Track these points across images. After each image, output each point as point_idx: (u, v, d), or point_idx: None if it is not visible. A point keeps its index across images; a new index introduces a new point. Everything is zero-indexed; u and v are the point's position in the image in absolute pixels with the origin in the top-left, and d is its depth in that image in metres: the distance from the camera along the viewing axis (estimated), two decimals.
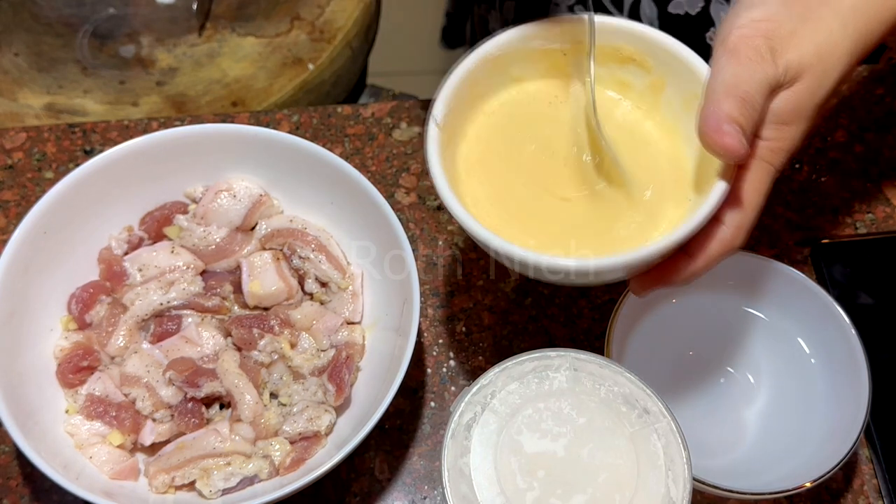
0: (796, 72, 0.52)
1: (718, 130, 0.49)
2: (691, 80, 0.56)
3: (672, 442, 0.49)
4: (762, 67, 0.51)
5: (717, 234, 0.53)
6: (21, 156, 0.78)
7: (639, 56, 0.59)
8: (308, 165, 0.67)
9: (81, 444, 0.61)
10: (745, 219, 0.53)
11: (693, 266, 0.53)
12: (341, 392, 0.63)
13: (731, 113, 0.49)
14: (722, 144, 0.49)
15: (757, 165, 0.53)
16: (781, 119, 0.53)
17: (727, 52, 0.52)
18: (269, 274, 0.67)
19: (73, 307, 0.65)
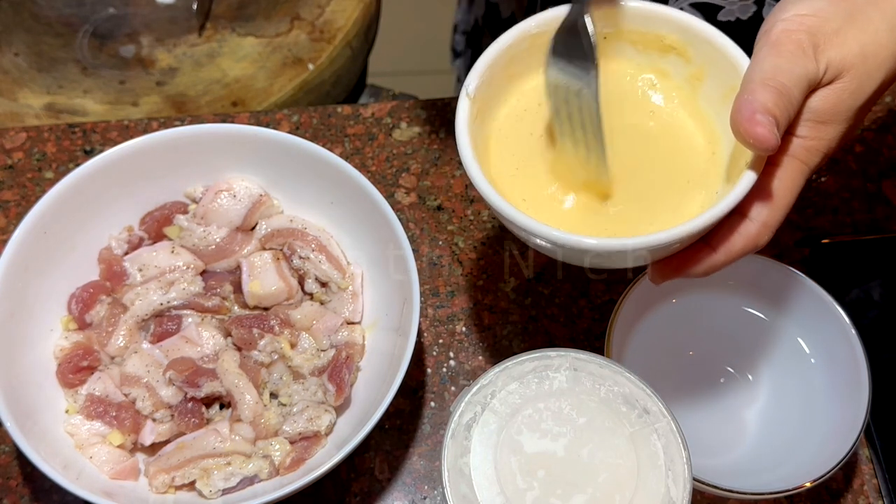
0: (838, 70, 0.51)
1: (751, 119, 0.48)
2: (732, 73, 0.55)
3: (672, 442, 0.49)
4: (802, 62, 0.50)
5: (742, 228, 0.52)
6: (21, 156, 0.78)
7: (680, 46, 0.58)
8: (308, 165, 0.67)
9: (81, 444, 0.61)
10: (773, 216, 0.52)
11: (714, 258, 0.52)
12: (341, 392, 0.63)
13: (766, 103, 0.49)
14: (754, 134, 0.48)
15: (789, 163, 0.52)
16: (819, 118, 0.52)
17: (769, 44, 0.51)
18: (269, 274, 0.67)
19: (74, 307, 0.65)
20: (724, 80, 0.56)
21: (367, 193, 0.65)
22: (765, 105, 0.49)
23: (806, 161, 0.52)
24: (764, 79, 0.49)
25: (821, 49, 0.51)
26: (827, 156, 0.53)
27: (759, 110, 0.48)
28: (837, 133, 0.52)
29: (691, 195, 0.56)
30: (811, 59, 0.50)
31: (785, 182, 0.52)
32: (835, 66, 0.51)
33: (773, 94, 0.49)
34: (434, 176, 0.78)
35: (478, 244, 0.75)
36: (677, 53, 0.59)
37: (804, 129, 0.52)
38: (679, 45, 0.58)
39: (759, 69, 0.50)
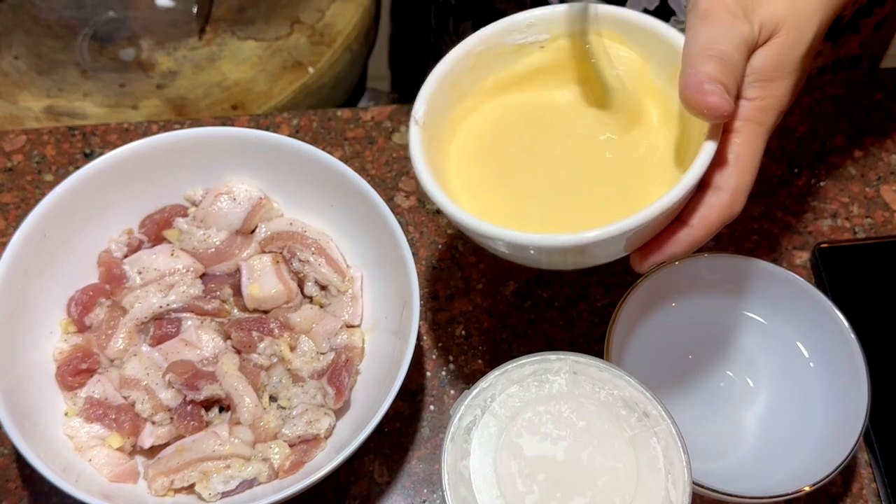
0: (772, 26, 0.52)
1: (700, 90, 0.49)
2: (671, 54, 0.55)
3: (672, 445, 0.49)
4: (736, 26, 0.50)
5: (714, 199, 0.52)
6: (21, 158, 0.78)
7: (617, 38, 0.58)
8: (308, 169, 0.67)
9: (81, 447, 0.61)
10: (741, 181, 0.52)
11: (692, 233, 0.52)
12: (341, 395, 0.63)
13: (711, 72, 0.49)
14: (706, 104, 0.49)
15: (746, 127, 0.52)
16: (765, 76, 0.52)
17: (699, 16, 0.51)
18: (269, 277, 0.67)
19: (73, 310, 0.65)
20: (665, 63, 0.56)
21: (367, 197, 0.65)
22: (709, 74, 0.49)
23: (761, 122, 0.52)
24: (702, 50, 0.50)
25: (750, 9, 0.51)
26: (782, 112, 0.53)
27: (706, 80, 0.49)
28: (787, 87, 0.53)
29: (656, 179, 0.56)
30: (743, 21, 0.51)
31: (746, 146, 0.52)
32: (768, 22, 0.52)
33: (715, 63, 0.49)
34: None
35: (477, 248, 0.75)
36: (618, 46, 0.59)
37: (753, 91, 0.52)
38: (616, 38, 0.58)
39: (695, 42, 0.51)
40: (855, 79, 0.83)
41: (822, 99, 0.82)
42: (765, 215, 0.76)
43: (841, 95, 0.82)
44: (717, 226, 0.52)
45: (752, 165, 0.52)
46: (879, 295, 0.72)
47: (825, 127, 0.80)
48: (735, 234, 0.75)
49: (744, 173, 0.52)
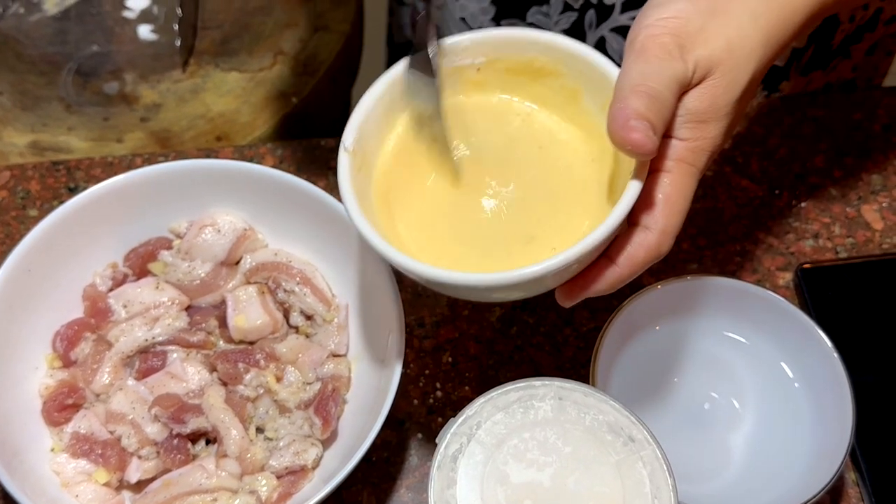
0: (707, 68, 0.52)
1: (626, 126, 0.48)
2: (604, 85, 0.55)
3: (657, 469, 0.49)
4: (669, 64, 0.50)
5: (641, 239, 0.52)
6: (5, 194, 0.78)
7: (551, 66, 0.58)
8: (292, 199, 0.68)
9: (67, 483, 0.61)
10: (669, 222, 0.52)
11: (617, 271, 0.52)
12: (328, 425, 0.63)
13: (639, 109, 0.49)
14: (630, 140, 0.48)
15: (677, 167, 0.52)
16: (698, 117, 0.52)
17: (635, 51, 0.51)
18: (254, 308, 0.67)
19: (58, 345, 0.65)
20: (598, 93, 0.56)
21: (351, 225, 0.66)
22: (637, 110, 0.49)
23: (693, 162, 0.52)
24: (633, 85, 0.50)
25: (687, 49, 0.51)
26: (713, 154, 0.53)
27: (633, 116, 0.49)
28: (719, 130, 0.53)
29: (583, 214, 0.56)
30: (678, 59, 0.51)
31: (676, 187, 0.52)
32: (703, 63, 0.52)
33: (644, 99, 0.49)
34: None
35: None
36: (551, 75, 0.58)
37: (685, 132, 0.52)
38: (550, 65, 0.58)
39: (627, 77, 0.51)
40: (834, 100, 0.84)
41: (803, 120, 0.83)
42: (747, 237, 0.77)
43: (820, 116, 0.83)
44: (643, 265, 0.52)
45: (681, 206, 0.52)
46: (862, 314, 0.72)
47: (805, 148, 0.81)
48: (718, 257, 0.76)
49: (672, 214, 0.52)
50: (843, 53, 0.87)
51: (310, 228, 0.69)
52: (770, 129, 0.82)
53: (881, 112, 0.83)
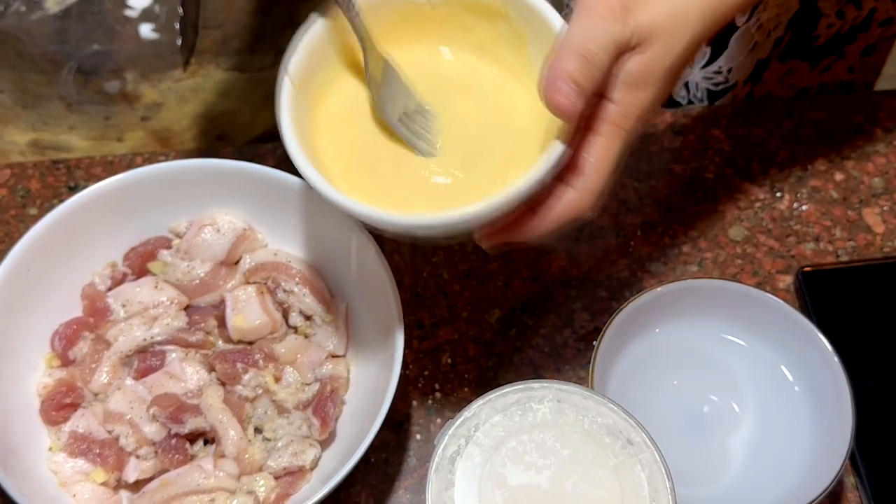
0: (647, 34, 0.52)
1: (553, 86, 0.50)
2: (548, 35, 0.55)
3: (656, 472, 0.49)
4: (610, 26, 0.51)
5: (563, 194, 0.53)
6: (5, 192, 0.78)
7: (503, 9, 0.58)
8: (292, 199, 0.68)
9: (65, 482, 0.61)
10: (592, 181, 0.53)
11: (537, 223, 0.54)
12: (326, 426, 0.62)
13: (571, 71, 0.50)
14: (553, 101, 0.50)
15: (606, 128, 0.53)
16: (633, 82, 0.53)
17: (582, 9, 0.52)
18: (253, 308, 0.67)
19: (57, 344, 0.65)
20: (542, 43, 0.56)
21: (351, 225, 0.66)
22: (569, 72, 0.50)
23: (621, 125, 0.53)
24: (571, 44, 0.51)
25: (631, 12, 0.52)
26: (641, 119, 0.54)
27: (563, 77, 0.50)
28: (650, 96, 0.54)
29: (519, 164, 0.56)
30: (620, 21, 0.52)
31: (602, 147, 0.53)
32: (644, 30, 0.52)
33: (578, 61, 0.50)
34: None
35: (462, 276, 0.75)
36: (502, 19, 0.58)
37: (618, 94, 0.53)
38: (502, 8, 0.58)
39: (570, 34, 0.52)
40: (835, 103, 0.84)
41: (803, 123, 0.82)
42: (748, 240, 0.76)
43: (821, 119, 0.83)
44: (563, 220, 0.54)
45: (607, 167, 0.53)
46: (863, 318, 0.72)
47: (806, 151, 0.81)
48: (719, 259, 0.75)
49: (597, 174, 0.53)
50: (836, 52, 0.87)
51: (310, 229, 0.69)
52: (771, 131, 0.82)
53: (882, 115, 0.83)
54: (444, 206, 0.53)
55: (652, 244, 0.76)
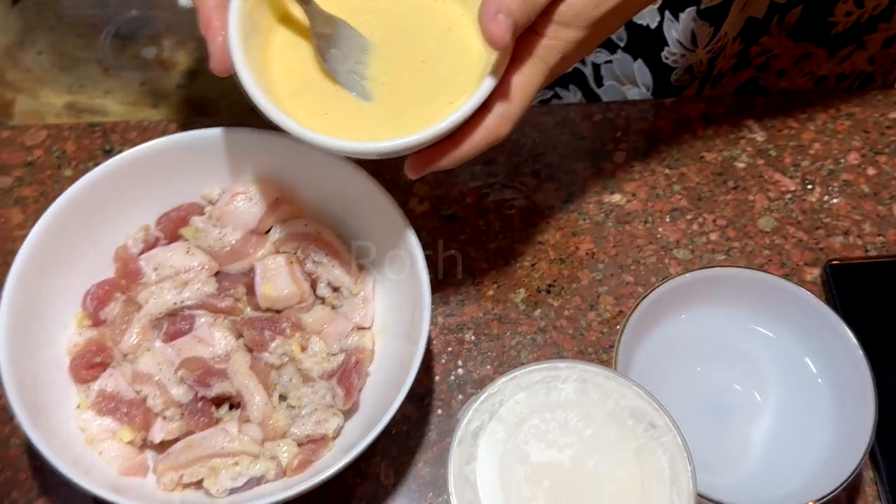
0: None
1: (492, 18, 0.52)
2: None
3: (678, 456, 0.50)
4: None
5: (483, 120, 0.57)
6: (41, 153, 0.79)
7: None
8: (323, 171, 0.68)
9: (92, 440, 0.62)
10: (510, 110, 0.57)
11: (457, 150, 0.57)
12: (350, 396, 0.63)
13: (510, 6, 0.52)
14: (488, 31, 0.52)
15: (532, 61, 0.57)
16: (562, 20, 0.57)
17: None
18: (282, 277, 0.67)
19: (88, 304, 0.66)
20: None
21: (382, 200, 0.66)
22: (508, 6, 0.53)
23: (545, 59, 0.57)
24: None
25: None
26: (566, 58, 0.58)
27: (503, 10, 0.52)
28: (576, 37, 0.58)
29: (452, 93, 0.59)
30: None
31: (524, 77, 0.57)
32: None
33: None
34: (448, 185, 0.78)
35: (489, 254, 0.75)
36: None
37: (549, 30, 0.57)
38: None
39: None
40: (869, 97, 0.83)
41: (837, 116, 0.82)
42: (777, 231, 0.76)
43: (855, 114, 0.82)
44: (481, 145, 0.57)
45: (523, 96, 0.57)
46: (889, 313, 0.72)
47: (839, 144, 0.81)
48: (746, 249, 0.75)
49: (514, 101, 0.57)
50: (856, 42, 0.86)
51: (341, 200, 0.69)
52: (804, 123, 0.82)
53: None
54: (381, 136, 0.57)
55: (680, 231, 0.76)
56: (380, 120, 0.60)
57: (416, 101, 0.60)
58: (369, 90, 0.60)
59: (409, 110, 0.60)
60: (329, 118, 0.60)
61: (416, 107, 0.60)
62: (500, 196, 0.78)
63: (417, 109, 0.59)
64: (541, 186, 0.78)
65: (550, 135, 0.81)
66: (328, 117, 0.60)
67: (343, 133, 0.58)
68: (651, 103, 0.83)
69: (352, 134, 0.59)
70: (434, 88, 0.60)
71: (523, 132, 0.81)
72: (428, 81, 0.60)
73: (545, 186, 0.78)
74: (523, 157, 0.80)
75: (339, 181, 0.68)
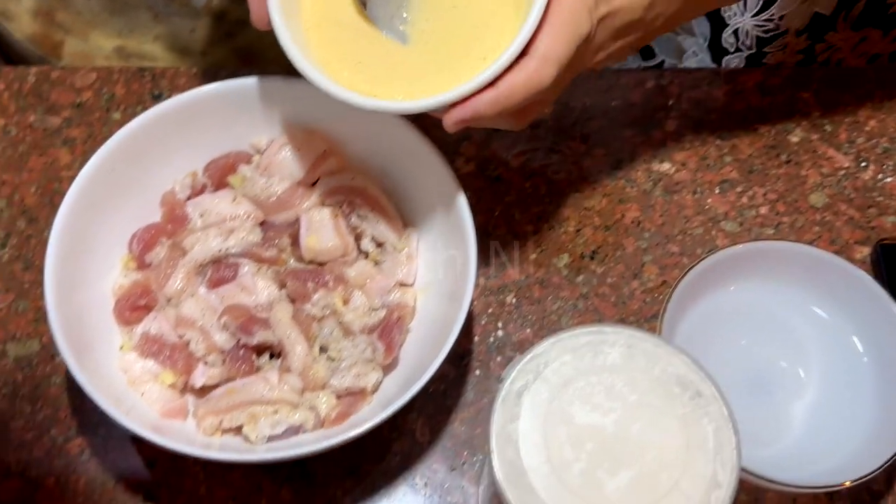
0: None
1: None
2: None
3: (723, 427, 0.49)
4: None
5: (522, 64, 0.53)
6: (90, 95, 0.79)
7: None
8: (372, 125, 0.68)
9: (134, 381, 0.62)
10: (550, 49, 0.53)
11: (494, 94, 0.54)
12: (391, 351, 0.63)
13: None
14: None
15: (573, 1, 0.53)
16: None
17: None
18: (327, 230, 0.67)
19: (135, 246, 0.66)
20: None
21: (430, 158, 0.65)
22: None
23: None
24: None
25: None
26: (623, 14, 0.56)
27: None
28: None
29: (495, 42, 0.57)
30: None
31: (564, 15, 0.53)
32: None
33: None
34: (495, 146, 0.77)
35: (534, 218, 0.75)
36: None
37: None
38: None
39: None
40: None
41: (895, 95, 0.80)
42: (828, 207, 0.75)
43: None
44: (522, 90, 0.53)
45: (565, 34, 0.53)
46: None
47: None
48: (796, 225, 0.74)
49: (553, 41, 0.53)
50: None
51: (390, 155, 0.69)
52: (861, 99, 0.80)
53: None
54: (414, 90, 0.56)
55: (729, 203, 0.75)
56: (415, 70, 0.59)
57: (453, 52, 0.58)
58: (408, 34, 0.59)
59: (447, 61, 0.58)
60: (362, 67, 0.59)
61: (453, 58, 0.58)
62: (547, 160, 0.77)
63: (455, 61, 0.58)
64: (589, 152, 0.77)
65: (600, 100, 0.80)
66: (361, 66, 0.60)
67: (374, 84, 0.57)
68: (706, 72, 0.81)
69: (383, 86, 0.58)
70: (471, 35, 0.58)
71: (573, 95, 0.80)
72: (465, 27, 0.59)
73: (593, 152, 0.77)
74: (572, 121, 0.79)
75: (389, 136, 0.68)
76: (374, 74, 0.59)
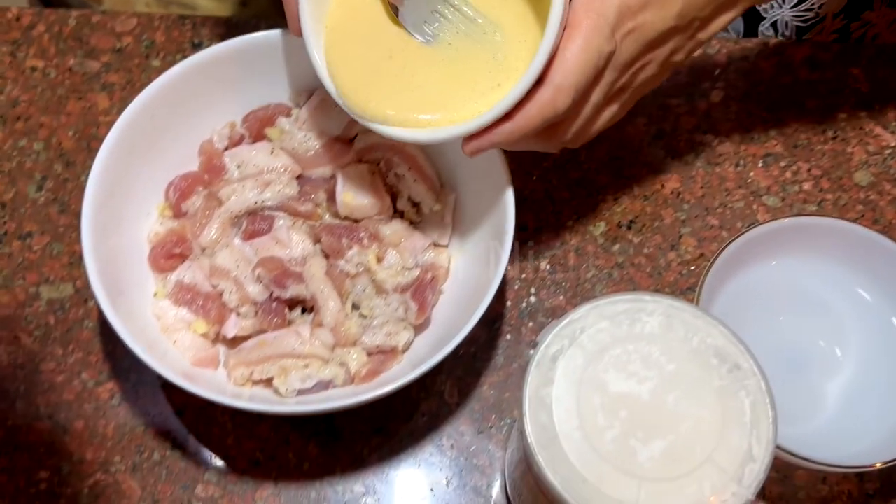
0: None
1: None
2: None
3: (760, 401, 0.48)
4: None
5: (537, 94, 0.53)
6: (130, 41, 0.78)
7: None
8: None
9: (167, 328, 0.62)
10: (565, 78, 0.52)
11: (511, 127, 0.54)
12: (423, 311, 0.63)
13: None
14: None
15: (585, 19, 0.52)
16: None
17: None
18: (364, 187, 0.66)
19: (171, 195, 0.66)
20: None
21: None
22: None
23: (601, 13, 0.53)
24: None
25: None
26: (622, 14, 0.54)
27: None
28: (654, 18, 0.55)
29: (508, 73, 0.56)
30: None
31: (577, 42, 0.52)
32: None
33: None
34: None
35: (572, 184, 0.74)
36: None
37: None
38: None
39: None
40: None
41: None
42: (873, 186, 0.74)
43: None
44: (538, 120, 0.53)
45: (580, 61, 0.52)
46: None
47: None
48: (840, 202, 0.73)
49: (568, 70, 0.52)
50: None
51: None
52: None
53: None
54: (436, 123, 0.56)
55: (772, 178, 0.74)
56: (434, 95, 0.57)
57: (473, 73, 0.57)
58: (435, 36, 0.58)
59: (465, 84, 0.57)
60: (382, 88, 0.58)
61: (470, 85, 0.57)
62: None
63: (470, 89, 0.56)
64: (630, 119, 0.76)
65: None
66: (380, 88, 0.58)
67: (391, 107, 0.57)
68: (754, 42, 0.80)
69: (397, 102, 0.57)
70: (490, 56, 0.57)
71: None
72: (485, 44, 0.57)
73: (635, 120, 0.76)
74: None
75: None
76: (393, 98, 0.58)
